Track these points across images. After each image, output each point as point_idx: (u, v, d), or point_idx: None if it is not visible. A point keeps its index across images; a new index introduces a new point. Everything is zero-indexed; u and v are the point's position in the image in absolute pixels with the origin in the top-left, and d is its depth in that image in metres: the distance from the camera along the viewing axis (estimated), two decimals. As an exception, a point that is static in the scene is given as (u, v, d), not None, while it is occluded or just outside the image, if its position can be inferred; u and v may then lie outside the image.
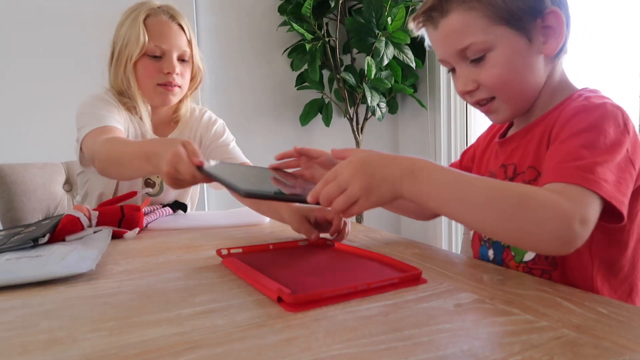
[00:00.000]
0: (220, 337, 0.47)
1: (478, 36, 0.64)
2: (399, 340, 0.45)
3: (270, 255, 0.74)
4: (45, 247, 0.79)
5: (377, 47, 2.14)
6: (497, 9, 0.62)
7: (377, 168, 0.58)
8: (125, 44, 1.05)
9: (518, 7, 0.62)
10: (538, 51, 0.65)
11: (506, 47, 0.64)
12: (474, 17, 0.63)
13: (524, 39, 0.64)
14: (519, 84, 0.66)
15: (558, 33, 0.63)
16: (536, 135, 0.67)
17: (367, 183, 0.57)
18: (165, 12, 1.07)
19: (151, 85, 1.08)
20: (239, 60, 2.37)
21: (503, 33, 0.63)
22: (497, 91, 0.68)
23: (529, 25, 0.63)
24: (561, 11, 0.63)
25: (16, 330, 0.50)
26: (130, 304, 0.57)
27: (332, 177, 0.59)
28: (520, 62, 0.65)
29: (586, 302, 0.52)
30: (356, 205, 0.58)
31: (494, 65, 0.65)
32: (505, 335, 0.45)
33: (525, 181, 0.67)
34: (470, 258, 0.74)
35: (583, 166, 0.55)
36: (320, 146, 2.80)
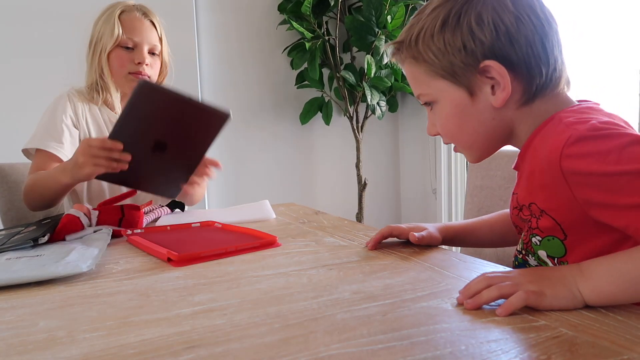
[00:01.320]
0: (219, 337, 0.47)
1: (423, 88, 0.66)
2: (397, 339, 0.45)
3: (167, 234, 0.93)
4: (45, 246, 0.79)
5: (377, 45, 2.14)
6: (434, 65, 0.63)
7: (544, 270, 0.54)
8: (100, 37, 1.16)
9: (452, 62, 0.61)
10: (485, 102, 0.62)
11: (446, 101, 0.64)
12: (419, 70, 0.65)
13: (464, 92, 0.63)
14: (467, 135, 0.66)
15: (503, 86, 0.60)
16: (526, 170, 0.64)
17: (540, 280, 0.52)
18: (138, 10, 1.18)
19: (123, 74, 1.18)
20: (239, 59, 2.37)
21: (443, 87, 0.64)
22: (449, 139, 0.68)
23: (467, 79, 0.62)
24: (504, 59, 0.59)
25: (15, 330, 0.50)
26: (130, 304, 0.57)
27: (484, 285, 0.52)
28: (463, 115, 0.64)
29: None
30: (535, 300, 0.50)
31: (440, 117, 0.66)
32: (503, 334, 0.45)
33: (527, 214, 0.65)
34: (468, 257, 0.74)
35: None
36: (320, 144, 2.79)
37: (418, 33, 0.63)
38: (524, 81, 0.61)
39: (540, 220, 0.62)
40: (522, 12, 0.59)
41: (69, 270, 0.65)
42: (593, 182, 0.53)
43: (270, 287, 0.61)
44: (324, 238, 0.87)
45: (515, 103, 0.62)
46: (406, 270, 0.66)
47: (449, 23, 0.61)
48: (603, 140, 0.53)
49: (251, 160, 2.42)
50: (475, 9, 0.60)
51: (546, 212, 0.61)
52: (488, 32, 0.59)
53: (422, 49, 0.63)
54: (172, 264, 0.73)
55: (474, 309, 0.51)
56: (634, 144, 0.51)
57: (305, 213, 1.14)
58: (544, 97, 0.62)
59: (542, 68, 0.60)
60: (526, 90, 0.61)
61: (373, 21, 2.17)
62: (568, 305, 0.50)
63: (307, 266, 0.70)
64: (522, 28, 0.59)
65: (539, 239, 0.64)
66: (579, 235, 0.59)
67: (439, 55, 0.62)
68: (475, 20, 0.59)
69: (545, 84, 0.61)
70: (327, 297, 0.56)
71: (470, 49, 0.60)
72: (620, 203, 0.51)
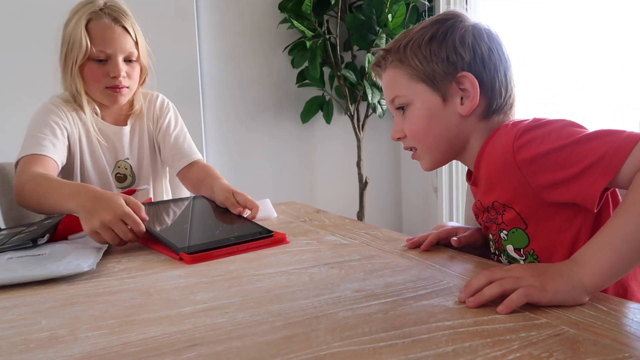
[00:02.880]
0: (220, 335, 0.47)
1: (401, 90, 0.74)
2: (399, 337, 0.45)
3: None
4: (47, 245, 0.79)
5: (378, 44, 2.14)
6: (417, 69, 0.71)
7: (543, 266, 0.55)
8: (70, 48, 1.07)
9: (434, 69, 0.70)
10: (454, 110, 0.71)
11: (422, 103, 0.72)
12: (400, 74, 0.73)
13: (438, 97, 0.71)
14: (433, 137, 0.73)
15: (472, 96, 0.69)
16: (483, 177, 0.71)
17: (540, 274, 0.53)
18: (108, 15, 1.07)
19: (99, 89, 1.11)
20: (240, 57, 2.36)
21: (421, 90, 0.72)
22: (416, 142, 0.76)
23: (444, 86, 0.70)
24: (476, 76, 0.69)
25: (18, 329, 0.51)
26: (132, 302, 0.57)
27: (485, 280, 0.54)
28: (433, 118, 0.72)
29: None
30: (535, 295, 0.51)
31: (411, 119, 0.74)
32: (505, 332, 0.45)
33: (493, 214, 0.71)
34: (469, 256, 0.74)
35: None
36: (321, 143, 2.78)
37: (407, 43, 0.72)
38: (487, 99, 0.71)
39: (504, 215, 0.69)
40: (493, 45, 0.71)
41: (71, 269, 0.65)
42: (542, 164, 0.62)
43: (271, 286, 0.61)
44: (325, 237, 0.87)
45: (477, 116, 0.72)
46: (407, 269, 0.66)
47: (436, 38, 0.71)
48: (543, 126, 0.63)
49: (252, 158, 2.42)
50: (459, 32, 0.70)
51: (507, 205, 0.68)
52: (468, 52, 0.70)
53: (409, 55, 0.72)
54: (183, 262, 0.73)
55: (476, 306, 0.51)
56: (567, 126, 0.63)
57: (307, 212, 1.14)
58: (498, 115, 0.73)
59: (502, 92, 0.71)
60: (488, 106, 0.71)
61: (374, 20, 2.16)
62: (569, 300, 0.51)
63: (309, 264, 0.70)
64: (493, 57, 0.71)
65: (505, 233, 0.70)
66: (537, 220, 0.67)
67: (423, 61, 0.71)
68: (459, 40, 0.70)
69: (501, 105, 0.72)
70: (328, 296, 0.57)
71: (452, 61, 0.70)
72: (566, 176, 0.59)
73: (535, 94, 1.89)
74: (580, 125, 0.63)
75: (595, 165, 0.57)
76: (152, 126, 1.24)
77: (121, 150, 1.20)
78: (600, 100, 1.68)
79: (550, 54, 1.83)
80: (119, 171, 1.21)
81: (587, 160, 0.58)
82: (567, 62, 1.76)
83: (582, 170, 0.58)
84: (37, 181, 0.94)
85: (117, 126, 1.20)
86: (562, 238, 0.66)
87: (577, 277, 0.52)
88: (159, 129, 1.23)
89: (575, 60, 1.74)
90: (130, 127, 1.22)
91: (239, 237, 0.81)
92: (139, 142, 1.23)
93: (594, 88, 1.69)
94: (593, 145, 0.58)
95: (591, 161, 0.57)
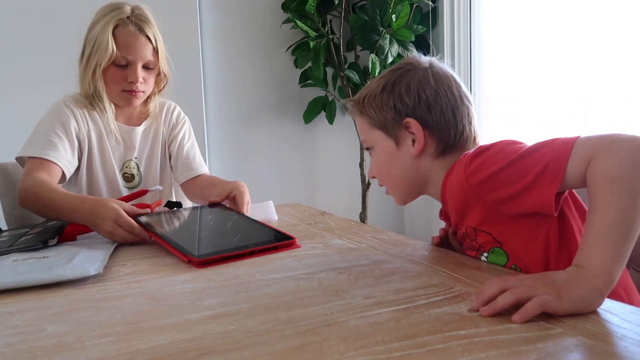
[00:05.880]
0: (230, 344, 0.46)
1: (364, 136, 0.83)
2: (413, 347, 0.44)
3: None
4: (52, 248, 0.78)
5: (382, 44, 2.13)
6: (372, 118, 0.79)
7: (554, 274, 0.54)
8: (95, 50, 1.11)
9: (385, 117, 0.78)
10: (407, 152, 0.78)
11: (379, 148, 0.80)
12: (362, 122, 0.82)
13: (392, 142, 0.79)
14: (392, 178, 0.81)
15: (419, 139, 0.76)
16: (450, 208, 0.77)
17: (552, 283, 0.52)
18: (134, 23, 1.12)
19: (116, 91, 1.16)
20: (242, 57, 2.35)
21: (378, 136, 0.80)
22: (381, 181, 0.83)
23: (395, 131, 0.78)
24: (421, 120, 0.75)
25: (23, 335, 0.50)
26: (138, 308, 0.56)
27: (497, 288, 0.53)
28: (389, 161, 0.80)
29: (601, 307, 0.52)
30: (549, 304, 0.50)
31: (374, 161, 0.83)
32: (521, 342, 0.45)
33: (469, 241, 0.76)
34: (478, 261, 0.73)
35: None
36: (324, 144, 2.77)
37: (366, 94, 0.81)
38: (437, 139, 0.76)
39: (477, 239, 0.74)
40: (440, 88, 0.76)
41: (77, 273, 0.64)
42: (495, 183, 0.66)
43: (280, 292, 0.60)
44: (332, 240, 0.86)
45: (431, 155, 0.77)
46: (417, 275, 0.65)
47: (386, 88, 0.78)
48: (488, 150, 0.69)
49: (254, 159, 2.41)
50: (405, 81, 0.77)
51: (478, 228, 0.73)
52: (412, 98, 0.76)
53: (366, 105, 0.80)
54: (192, 265, 0.73)
55: (490, 315, 0.50)
56: (510, 144, 0.68)
57: (311, 214, 1.14)
58: (453, 152, 0.77)
59: (451, 131, 0.76)
60: (439, 146, 0.77)
61: (377, 20, 2.15)
62: (586, 307, 0.51)
63: (316, 269, 0.69)
64: (439, 99, 0.76)
65: (486, 256, 0.74)
66: (507, 236, 0.70)
67: (377, 111, 0.79)
68: (404, 88, 0.76)
69: (454, 143, 0.77)
70: (338, 302, 0.56)
71: (398, 109, 0.76)
72: (518, 188, 0.63)
73: (540, 100, 1.88)
74: (520, 142, 0.69)
75: (543, 174, 0.61)
76: (166, 132, 1.29)
77: (131, 150, 1.23)
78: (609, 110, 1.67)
79: (555, 56, 1.82)
80: (127, 171, 1.24)
81: (534, 170, 0.62)
82: (573, 65, 1.75)
83: (532, 180, 0.62)
84: (40, 191, 0.98)
85: (130, 126, 1.23)
86: (534, 247, 0.69)
87: (588, 281, 0.52)
88: (172, 137, 1.29)
89: (578, 63, 1.73)
90: (144, 129, 1.25)
91: (258, 243, 0.79)
92: (151, 144, 1.26)
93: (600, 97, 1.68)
94: (536, 157, 0.63)
95: (538, 171, 0.62)
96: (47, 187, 0.99)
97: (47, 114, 1.16)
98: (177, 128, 1.30)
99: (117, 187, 1.22)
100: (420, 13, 2.33)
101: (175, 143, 1.28)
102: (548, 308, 0.49)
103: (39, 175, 1.03)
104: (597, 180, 0.56)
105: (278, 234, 0.84)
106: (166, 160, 1.29)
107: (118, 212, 0.85)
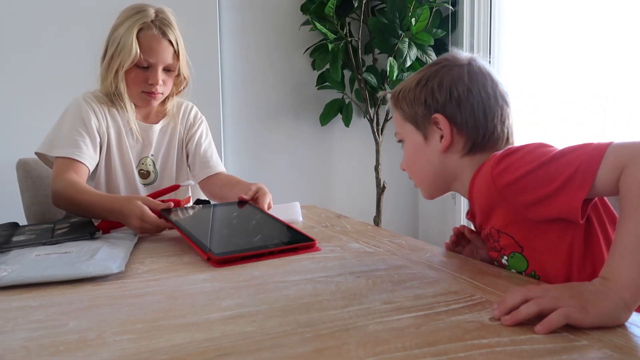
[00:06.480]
0: (250, 345, 0.46)
1: (397, 128, 0.83)
2: (433, 354, 0.43)
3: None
4: (73, 243, 0.79)
5: (400, 48, 2.12)
6: (405, 112, 0.80)
7: (580, 286, 0.53)
8: (118, 51, 1.13)
9: (416, 112, 0.78)
10: (435, 148, 0.78)
11: (409, 141, 0.81)
12: (396, 115, 0.83)
13: (421, 136, 0.79)
14: (419, 172, 0.82)
15: (445, 135, 0.75)
16: (476, 207, 0.75)
17: (578, 295, 0.51)
18: (157, 27, 1.14)
19: (136, 92, 1.18)
20: (261, 58, 2.36)
21: (409, 130, 0.80)
22: (409, 174, 0.84)
23: (424, 126, 0.78)
24: (450, 116, 0.75)
25: (46, 330, 0.50)
26: (158, 306, 0.57)
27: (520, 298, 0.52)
28: (418, 155, 0.80)
29: (627, 321, 0.50)
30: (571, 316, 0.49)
31: (405, 154, 0.83)
32: (545, 353, 0.44)
33: (492, 242, 0.75)
34: (498, 269, 0.72)
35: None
36: (339, 146, 2.77)
37: (402, 88, 0.81)
38: (465, 137, 0.75)
39: (500, 241, 0.73)
40: (473, 86, 0.75)
41: (100, 270, 0.65)
42: (522, 186, 0.65)
43: (298, 294, 0.60)
44: (349, 244, 0.86)
45: (458, 153, 0.77)
46: (437, 281, 0.64)
47: (420, 83, 0.78)
48: (517, 152, 0.68)
49: (269, 159, 2.42)
50: (439, 76, 0.77)
51: (501, 231, 0.72)
52: (443, 95, 0.76)
53: (400, 99, 0.81)
54: (210, 262, 0.74)
55: (512, 325, 0.49)
56: (539, 147, 0.67)
57: (328, 217, 1.13)
58: (483, 152, 0.75)
59: (480, 130, 0.75)
60: (466, 144, 0.76)
61: (397, 23, 2.14)
62: (612, 320, 0.49)
63: (334, 272, 0.69)
64: (471, 98, 0.75)
65: (506, 259, 0.73)
66: (530, 242, 0.69)
67: (409, 105, 0.79)
68: (437, 84, 0.76)
69: (482, 142, 0.75)
70: (357, 307, 0.55)
71: (429, 104, 0.77)
72: (545, 193, 0.62)
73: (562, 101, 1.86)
74: (550, 145, 0.67)
75: (571, 179, 0.60)
76: (183, 131, 1.31)
77: (148, 147, 1.25)
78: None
79: (574, 60, 1.80)
80: (143, 168, 1.26)
81: (563, 175, 0.60)
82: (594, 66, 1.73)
83: (560, 185, 0.61)
84: (72, 193, 1.02)
85: (147, 124, 1.25)
86: (557, 254, 0.67)
87: (615, 294, 0.50)
88: (190, 136, 1.31)
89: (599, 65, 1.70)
90: (161, 127, 1.27)
91: (277, 244, 0.80)
92: (168, 142, 1.28)
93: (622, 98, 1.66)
94: (566, 161, 0.61)
95: (567, 176, 0.60)
96: (79, 188, 1.03)
97: (68, 111, 1.18)
98: (194, 127, 1.31)
99: (135, 183, 1.23)
100: (440, 17, 2.31)
101: (193, 142, 1.30)
102: (572, 320, 0.48)
103: (69, 176, 1.07)
104: (629, 190, 0.54)
105: (299, 236, 0.84)
106: (182, 159, 1.30)
107: (142, 210, 0.89)
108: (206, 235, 0.83)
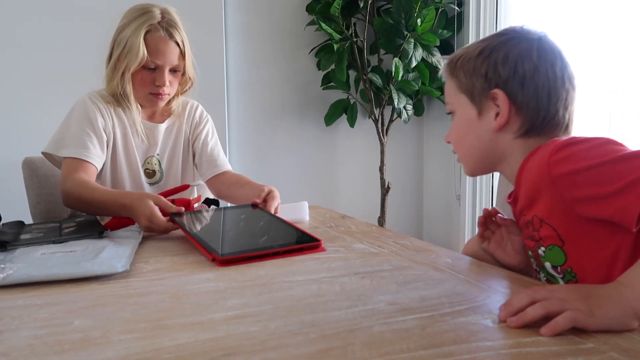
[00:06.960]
0: (255, 345, 0.46)
1: (450, 98, 0.79)
2: (438, 356, 0.43)
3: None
4: (78, 242, 0.80)
5: (406, 48, 2.11)
6: (461, 81, 0.75)
7: (590, 288, 0.53)
8: (125, 53, 1.13)
9: (473, 83, 0.73)
10: (488, 124, 0.73)
11: (461, 113, 0.77)
12: (450, 84, 0.78)
13: (475, 110, 0.74)
14: (466, 147, 0.77)
15: (502, 113, 0.71)
16: (523, 192, 0.70)
17: (586, 298, 0.51)
18: (164, 28, 1.14)
19: (143, 93, 1.18)
20: (266, 58, 2.36)
21: (462, 101, 0.76)
22: (454, 148, 0.80)
23: (480, 100, 0.73)
24: (511, 94, 0.70)
25: (51, 328, 0.50)
26: (162, 305, 0.57)
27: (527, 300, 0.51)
28: (467, 129, 0.76)
29: (633, 323, 0.50)
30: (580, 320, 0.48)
31: (453, 126, 0.79)
32: (550, 356, 0.43)
33: (531, 230, 0.70)
34: (504, 270, 0.72)
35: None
36: (344, 146, 2.76)
37: (461, 55, 0.76)
38: (523, 118, 0.71)
39: (541, 231, 0.68)
40: (541, 64, 0.70)
41: (105, 269, 0.65)
42: (578, 180, 0.61)
43: (302, 294, 0.60)
44: (353, 244, 0.86)
45: (513, 133, 0.72)
46: (441, 282, 0.64)
47: (483, 53, 0.72)
48: (581, 143, 0.63)
49: (274, 159, 2.42)
50: (505, 49, 0.71)
51: (544, 221, 0.67)
52: (507, 70, 0.70)
53: (458, 67, 0.76)
54: (215, 263, 0.73)
55: (518, 327, 0.49)
56: (606, 143, 0.62)
57: (332, 217, 1.13)
58: (539, 136, 0.71)
59: (541, 113, 0.70)
60: (523, 125, 0.71)
61: (402, 24, 2.14)
62: (618, 326, 0.49)
63: (339, 273, 0.69)
64: (537, 77, 0.70)
65: (543, 250, 0.69)
66: (574, 238, 0.65)
67: (467, 75, 0.74)
68: (502, 57, 0.71)
69: (540, 126, 0.71)
70: (362, 307, 0.55)
71: (489, 78, 0.71)
72: (604, 192, 0.58)
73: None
74: (620, 143, 0.62)
75: (635, 185, 0.56)
76: (189, 130, 1.31)
77: (154, 146, 1.25)
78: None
79: (582, 61, 1.79)
80: (148, 167, 1.26)
81: (627, 179, 0.56)
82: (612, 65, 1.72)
83: (621, 188, 0.57)
84: (82, 192, 1.03)
85: (153, 123, 1.25)
86: (600, 256, 0.64)
87: (626, 301, 0.49)
88: (196, 135, 1.31)
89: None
90: (167, 126, 1.27)
91: (283, 244, 0.80)
92: (174, 141, 1.28)
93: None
94: (633, 164, 0.57)
95: (630, 180, 0.56)
96: (89, 186, 1.04)
97: (75, 110, 1.18)
98: (200, 126, 1.31)
99: (140, 182, 1.24)
100: (446, 17, 2.31)
101: (199, 141, 1.30)
102: (579, 323, 0.48)
103: (78, 175, 1.07)
104: None
105: (305, 236, 0.84)
106: (188, 158, 1.30)
107: (152, 211, 0.89)
108: (213, 238, 0.83)
